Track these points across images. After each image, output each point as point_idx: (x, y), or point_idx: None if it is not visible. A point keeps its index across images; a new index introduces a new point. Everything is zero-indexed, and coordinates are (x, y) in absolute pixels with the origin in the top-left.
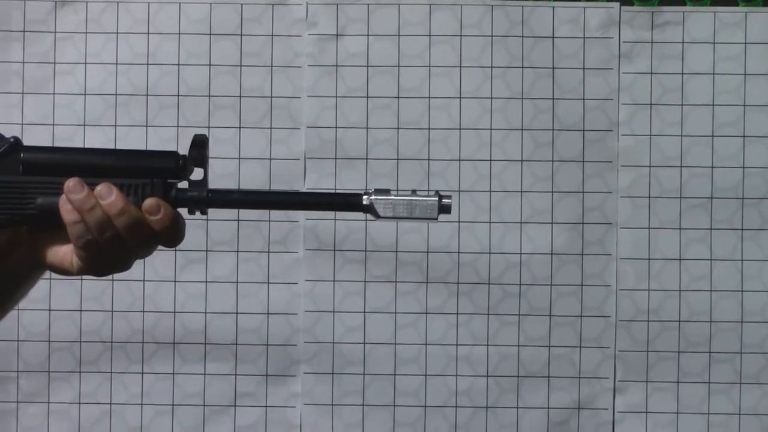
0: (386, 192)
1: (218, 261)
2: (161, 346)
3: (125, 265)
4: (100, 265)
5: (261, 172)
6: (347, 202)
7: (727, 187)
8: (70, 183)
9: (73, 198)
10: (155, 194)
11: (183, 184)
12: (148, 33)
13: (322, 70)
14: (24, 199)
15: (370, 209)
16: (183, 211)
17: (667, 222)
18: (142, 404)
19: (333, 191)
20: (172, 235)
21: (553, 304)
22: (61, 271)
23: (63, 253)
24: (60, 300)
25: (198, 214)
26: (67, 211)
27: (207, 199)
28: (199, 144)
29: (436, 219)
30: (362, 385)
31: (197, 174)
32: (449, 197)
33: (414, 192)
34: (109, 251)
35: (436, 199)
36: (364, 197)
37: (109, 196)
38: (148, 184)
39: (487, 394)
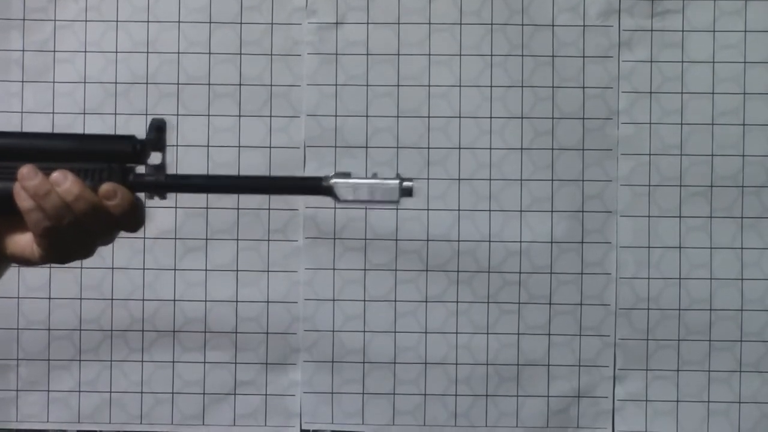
0: (347, 175)
1: (218, 249)
2: (161, 334)
3: (88, 252)
4: (61, 253)
5: (261, 161)
6: (308, 185)
7: (727, 175)
8: (24, 170)
9: (27, 185)
10: (112, 179)
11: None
12: (148, 21)
13: (321, 59)
14: None
15: (330, 192)
16: (143, 197)
17: (667, 210)
18: (142, 392)
19: (295, 175)
20: (131, 219)
21: (552, 293)
22: (24, 261)
23: (24, 242)
24: (60, 288)
25: (157, 199)
26: (22, 198)
27: (165, 183)
28: (157, 128)
29: (397, 202)
30: (362, 373)
31: (156, 159)
32: (411, 180)
33: (375, 175)
34: (69, 238)
35: (397, 182)
36: (324, 181)
37: (64, 181)
38: (105, 169)
39: (486, 382)
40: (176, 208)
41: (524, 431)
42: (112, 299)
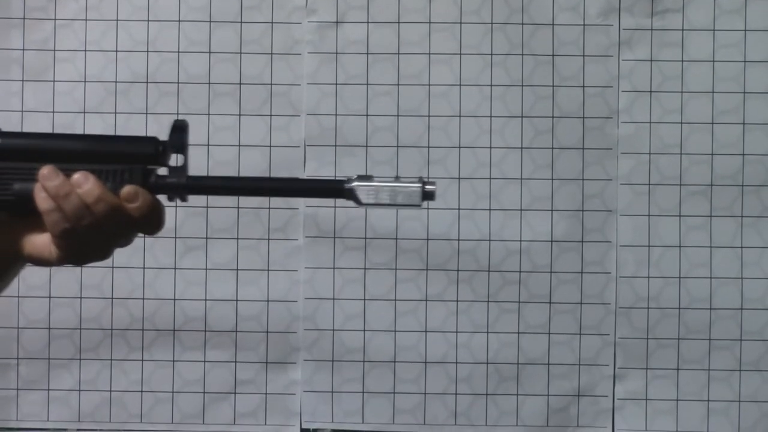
0: (369, 178)
1: (218, 248)
2: (161, 333)
3: (105, 254)
4: (78, 254)
5: (261, 160)
6: (329, 188)
7: (727, 174)
8: (45, 170)
9: (48, 185)
10: (134, 181)
11: (163, 171)
12: (148, 20)
13: (322, 58)
14: (0, 185)
15: (352, 196)
16: (163, 198)
17: (667, 209)
18: (142, 391)
19: (316, 178)
20: (151, 222)
21: (552, 292)
22: (41, 261)
23: (41, 243)
24: (60, 287)
25: (178, 201)
26: (43, 199)
27: (186, 185)
28: (179, 129)
29: (420, 206)
30: (362, 372)
31: (177, 160)
32: (433, 183)
33: (397, 178)
34: (87, 239)
35: (420, 185)
36: (346, 183)
37: (85, 183)
38: (126, 171)
39: (486, 381)
40: (176, 206)
41: (524, 430)
42: (112, 298)
